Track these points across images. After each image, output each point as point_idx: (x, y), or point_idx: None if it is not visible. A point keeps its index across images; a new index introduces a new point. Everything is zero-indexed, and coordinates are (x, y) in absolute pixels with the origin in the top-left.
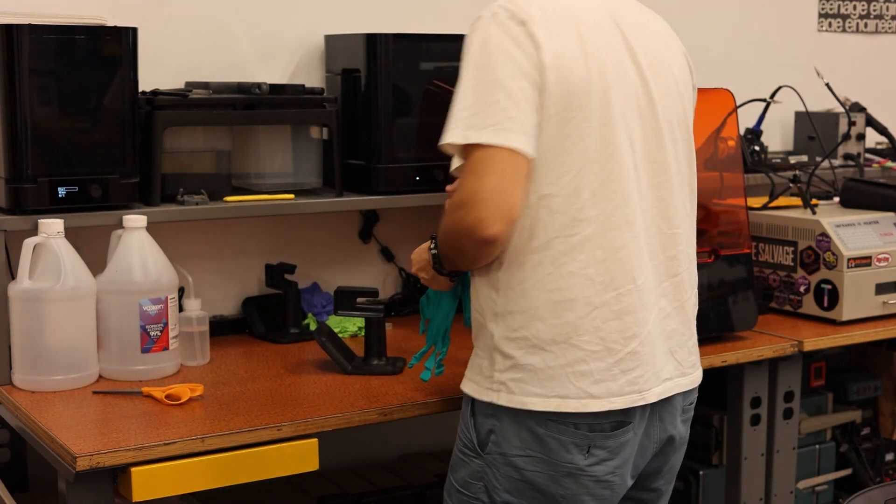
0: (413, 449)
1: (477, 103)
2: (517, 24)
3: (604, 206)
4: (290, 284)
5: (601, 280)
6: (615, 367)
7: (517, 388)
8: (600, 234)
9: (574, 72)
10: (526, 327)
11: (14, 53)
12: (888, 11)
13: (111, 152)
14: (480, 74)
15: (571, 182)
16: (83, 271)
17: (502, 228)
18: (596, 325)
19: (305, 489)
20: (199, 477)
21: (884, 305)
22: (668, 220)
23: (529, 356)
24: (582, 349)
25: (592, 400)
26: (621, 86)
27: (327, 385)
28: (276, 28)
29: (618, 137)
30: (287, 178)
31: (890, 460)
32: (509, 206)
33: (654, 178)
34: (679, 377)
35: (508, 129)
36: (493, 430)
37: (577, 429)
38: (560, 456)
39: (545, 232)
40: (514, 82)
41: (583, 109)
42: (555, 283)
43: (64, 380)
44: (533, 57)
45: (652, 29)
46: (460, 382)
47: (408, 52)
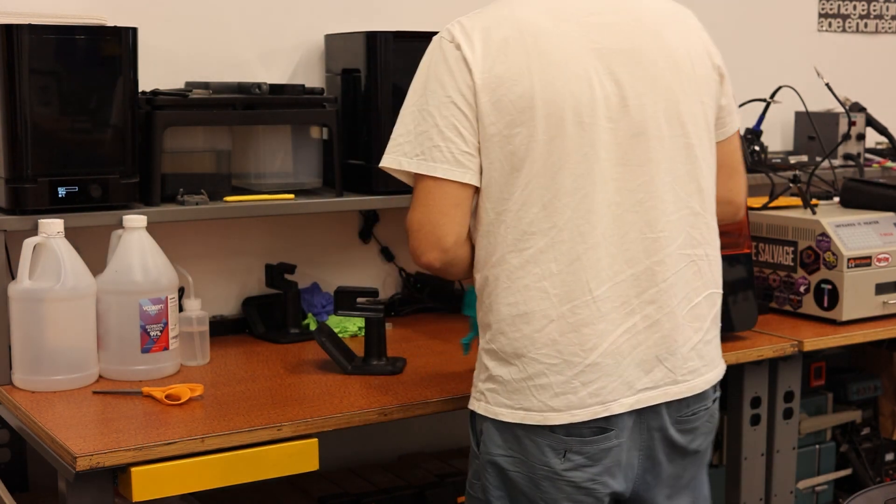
0: (413, 449)
1: (411, 131)
2: (454, 48)
3: (555, 219)
4: (290, 284)
5: (556, 293)
6: (575, 379)
7: (491, 398)
8: (553, 246)
9: (513, 89)
10: (494, 340)
11: (14, 53)
12: (888, 11)
13: (111, 152)
14: (418, 101)
15: (520, 197)
16: (83, 271)
17: (436, 256)
18: (553, 337)
19: (305, 489)
20: (199, 477)
21: (884, 305)
22: (651, 224)
23: (499, 368)
24: (541, 362)
25: (553, 413)
26: (581, 93)
27: (327, 385)
28: (276, 28)
29: (571, 148)
30: (287, 178)
31: (890, 460)
32: (438, 237)
33: (631, 181)
34: (668, 385)
35: (434, 159)
36: (484, 431)
37: (553, 432)
38: (537, 458)
39: (501, 247)
40: (442, 111)
41: (525, 125)
42: (512, 296)
43: (64, 380)
44: (465, 80)
45: (635, 22)
46: (455, 384)
47: (408, 52)
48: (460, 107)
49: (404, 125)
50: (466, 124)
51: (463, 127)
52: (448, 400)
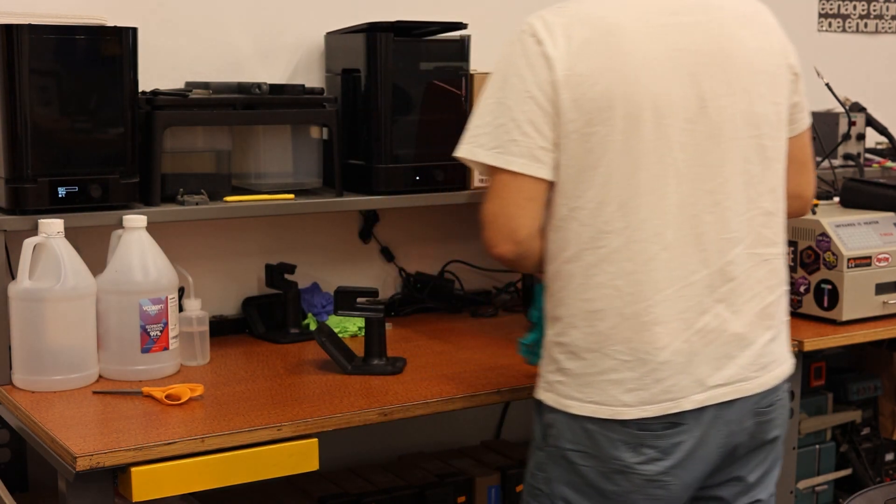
0: (413, 449)
1: (489, 123)
2: (535, 42)
3: (630, 219)
4: (290, 284)
5: (630, 291)
6: (647, 376)
7: (561, 390)
8: (628, 246)
9: (593, 87)
10: (565, 334)
11: (14, 53)
12: (888, 11)
13: (111, 152)
14: (495, 93)
15: (596, 195)
16: (83, 271)
17: (509, 248)
18: (627, 335)
19: (305, 489)
20: (199, 477)
21: (884, 305)
22: (726, 224)
23: (569, 361)
24: (613, 358)
25: (625, 408)
26: (660, 94)
27: (327, 385)
28: (276, 28)
29: (649, 148)
30: (287, 178)
31: (890, 460)
32: (512, 229)
33: (708, 182)
34: (740, 382)
35: (511, 153)
36: (552, 424)
37: (626, 427)
38: (610, 453)
39: (575, 244)
40: (521, 105)
41: (605, 124)
42: (585, 293)
43: (64, 380)
44: (546, 76)
45: (713, 22)
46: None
47: (408, 52)
48: (539, 102)
49: (481, 117)
50: (545, 119)
51: (541, 122)
52: (448, 400)
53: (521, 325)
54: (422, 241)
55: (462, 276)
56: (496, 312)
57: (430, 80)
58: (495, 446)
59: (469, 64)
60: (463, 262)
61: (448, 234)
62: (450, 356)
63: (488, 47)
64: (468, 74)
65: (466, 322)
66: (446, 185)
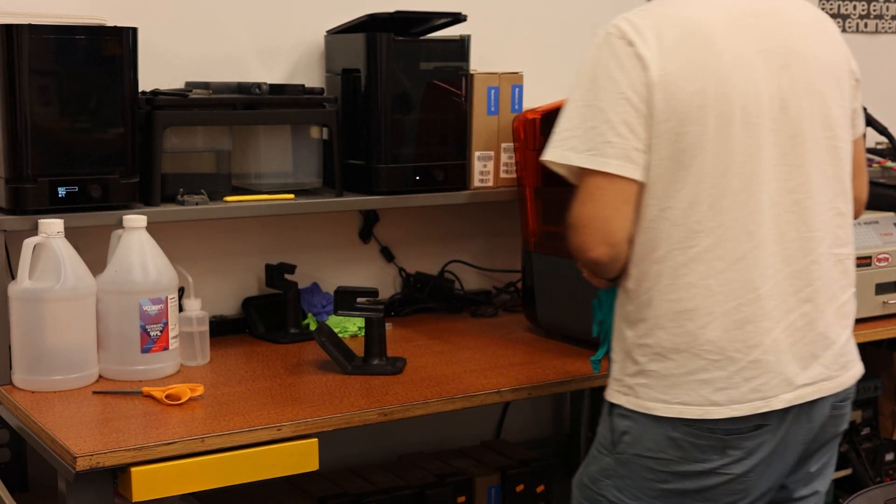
0: (413, 449)
1: (578, 126)
2: (626, 44)
3: (722, 218)
4: (290, 284)
5: (721, 290)
6: (737, 375)
7: (643, 392)
8: (719, 245)
9: (686, 88)
10: (650, 335)
11: (14, 53)
12: (888, 11)
13: (111, 152)
14: (585, 97)
15: (688, 195)
16: (83, 271)
17: (604, 252)
18: (717, 334)
19: (305, 489)
20: (199, 477)
21: (884, 305)
22: (808, 223)
23: (654, 363)
24: (703, 358)
25: (715, 407)
26: (748, 93)
27: (327, 385)
28: (276, 28)
29: (739, 148)
30: (287, 178)
31: (890, 460)
32: (608, 232)
33: (790, 181)
34: (824, 381)
35: (606, 155)
36: (628, 431)
37: (714, 433)
38: (695, 457)
39: (665, 244)
40: (615, 107)
41: (697, 124)
42: (675, 293)
43: (64, 380)
44: (640, 77)
45: (794, 24)
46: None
47: (408, 52)
48: (634, 103)
49: (570, 120)
50: (639, 121)
51: (636, 123)
52: (448, 400)
53: (521, 324)
54: (422, 241)
55: (462, 276)
56: (496, 312)
57: (430, 80)
58: (495, 446)
59: (469, 64)
60: (463, 262)
61: (448, 234)
62: (450, 356)
63: (488, 47)
64: (468, 74)
65: (466, 322)
66: (446, 185)
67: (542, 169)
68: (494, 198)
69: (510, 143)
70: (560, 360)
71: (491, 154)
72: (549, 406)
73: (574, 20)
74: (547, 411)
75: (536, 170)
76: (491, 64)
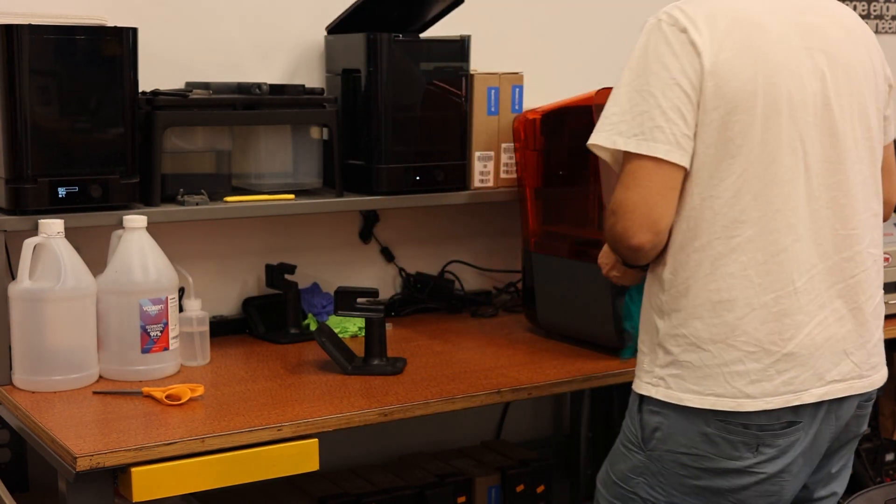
0: (413, 449)
1: (628, 111)
2: (678, 31)
3: (765, 209)
4: (290, 284)
5: (760, 282)
6: (771, 367)
7: (675, 384)
8: (761, 236)
9: (737, 76)
10: (685, 325)
11: (14, 53)
12: (888, 11)
13: (111, 152)
14: (636, 82)
15: (734, 184)
16: (83, 271)
17: (648, 238)
18: (754, 325)
19: (305, 489)
20: (199, 477)
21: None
22: (844, 221)
23: (688, 353)
24: (739, 349)
25: (748, 400)
26: (793, 88)
27: (327, 385)
28: (276, 28)
29: (784, 140)
30: (287, 179)
31: (890, 460)
32: (653, 219)
33: (829, 178)
34: (855, 379)
35: (655, 140)
36: (659, 427)
37: (747, 429)
38: (729, 454)
39: (707, 233)
40: (666, 92)
41: (746, 113)
42: (714, 283)
43: (64, 380)
44: (692, 64)
45: (835, 24)
46: (455, 384)
47: (408, 52)
48: (685, 89)
49: (619, 105)
50: (690, 107)
51: (686, 110)
52: (448, 400)
53: (521, 324)
54: (422, 241)
55: (462, 276)
56: (496, 312)
57: (430, 80)
58: (495, 446)
59: (469, 64)
60: (463, 262)
61: (448, 234)
62: (450, 356)
63: (488, 47)
64: (468, 74)
65: (466, 322)
66: (446, 185)
67: (542, 169)
68: (494, 198)
69: (510, 143)
70: (560, 360)
71: (491, 154)
72: (549, 406)
73: (574, 20)
74: (547, 411)
75: (536, 170)
76: (491, 64)
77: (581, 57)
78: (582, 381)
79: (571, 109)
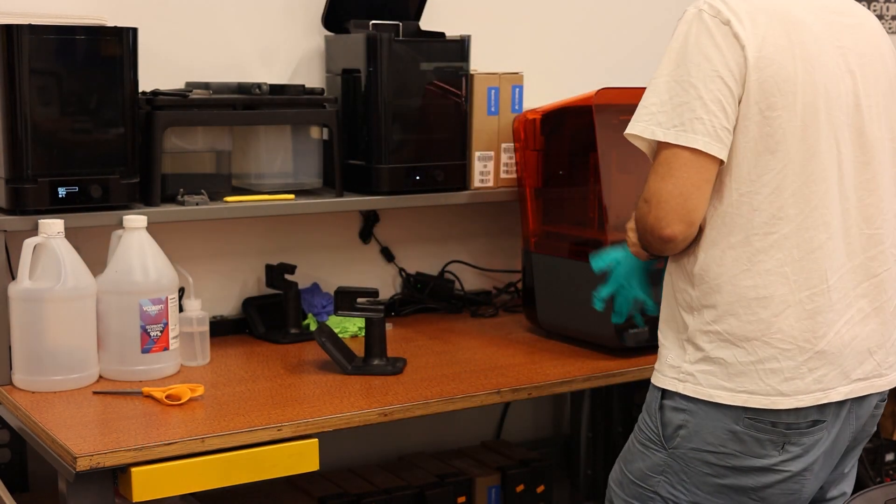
0: (413, 449)
1: (667, 101)
2: (721, 22)
3: (802, 206)
4: (291, 284)
5: (796, 279)
6: (804, 365)
7: (705, 380)
8: (798, 233)
9: (780, 72)
10: (719, 322)
11: (14, 53)
12: (888, 11)
13: (111, 152)
14: (675, 72)
15: (773, 180)
16: (83, 271)
17: (680, 230)
18: (789, 323)
19: (305, 489)
20: (199, 477)
21: None
22: (869, 220)
23: (720, 350)
24: (774, 347)
25: (781, 398)
26: (829, 86)
27: (327, 385)
28: (276, 28)
29: (822, 137)
30: (287, 179)
31: (890, 460)
32: (687, 210)
33: (858, 177)
34: (875, 378)
35: (694, 131)
36: (684, 424)
37: (775, 426)
38: (755, 452)
39: (744, 228)
40: (707, 84)
41: (787, 109)
42: (751, 279)
43: (64, 380)
44: (735, 56)
45: (864, 26)
46: (455, 384)
47: (408, 52)
48: (727, 82)
49: (658, 95)
50: (731, 100)
51: (727, 102)
52: (448, 400)
53: (521, 325)
54: (422, 241)
55: (462, 276)
56: (496, 312)
57: (430, 80)
58: (495, 446)
59: (469, 64)
60: (463, 262)
61: (448, 234)
62: (450, 356)
63: (488, 47)
64: (468, 74)
65: (466, 322)
66: (446, 185)
67: (542, 169)
68: (494, 198)
69: (510, 143)
70: (560, 360)
71: (491, 154)
72: (549, 406)
73: (574, 20)
74: (547, 411)
75: (536, 170)
76: (491, 64)
77: (581, 57)
78: (582, 381)
79: (571, 109)
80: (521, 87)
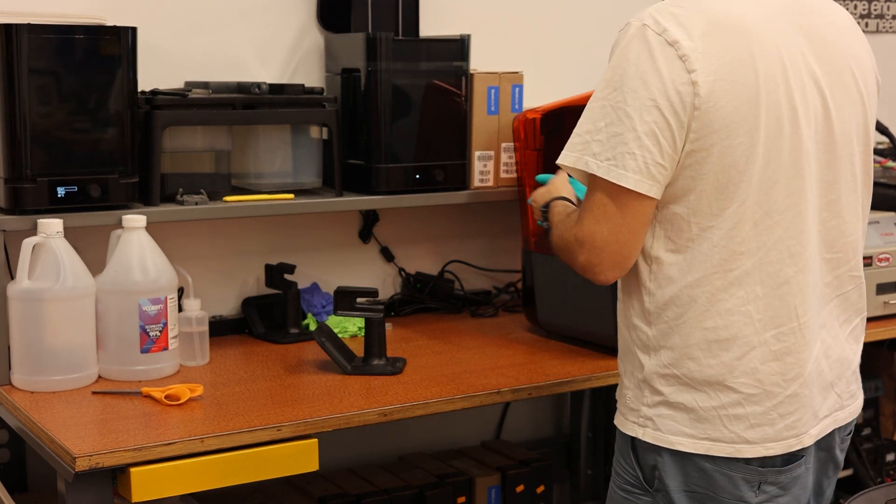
0: (413, 449)
1: (602, 129)
2: (666, 43)
3: (765, 238)
4: (290, 284)
5: (760, 318)
6: (773, 411)
7: (664, 425)
8: (760, 268)
9: (738, 96)
10: (677, 365)
11: (14, 53)
12: (888, 11)
13: (110, 152)
14: (611, 97)
15: (734, 213)
16: (82, 271)
17: (615, 275)
18: (753, 366)
19: (305, 489)
20: (199, 477)
21: (884, 305)
22: (830, 245)
23: (680, 394)
24: (738, 391)
25: (747, 445)
26: (796, 100)
27: (327, 385)
28: (276, 28)
29: (786, 162)
30: (287, 178)
31: (891, 460)
32: (623, 256)
33: (823, 198)
34: (837, 411)
35: (626, 167)
36: (657, 465)
37: (748, 464)
38: (729, 493)
39: (702, 266)
40: (643, 115)
41: (747, 135)
42: (710, 320)
43: (63, 380)
44: (679, 82)
45: (835, 25)
46: (455, 384)
47: (408, 52)
48: (664, 112)
49: (593, 122)
50: (667, 132)
51: (663, 136)
52: (448, 400)
53: (521, 325)
54: (422, 241)
55: (462, 276)
56: (496, 312)
57: (430, 80)
58: (495, 446)
59: (469, 64)
60: (463, 262)
61: (448, 234)
62: (450, 356)
63: (488, 47)
64: (468, 74)
65: (466, 322)
66: (446, 185)
67: (542, 169)
68: (494, 198)
69: (510, 143)
70: (560, 360)
71: (491, 154)
72: (549, 406)
73: (574, 20)
74: (547, 411)
75: (536, 169)
76: (491, 64)
77: (581, 57)
78: (582, 381)
79: (571, 109)
80: (521, 86)
